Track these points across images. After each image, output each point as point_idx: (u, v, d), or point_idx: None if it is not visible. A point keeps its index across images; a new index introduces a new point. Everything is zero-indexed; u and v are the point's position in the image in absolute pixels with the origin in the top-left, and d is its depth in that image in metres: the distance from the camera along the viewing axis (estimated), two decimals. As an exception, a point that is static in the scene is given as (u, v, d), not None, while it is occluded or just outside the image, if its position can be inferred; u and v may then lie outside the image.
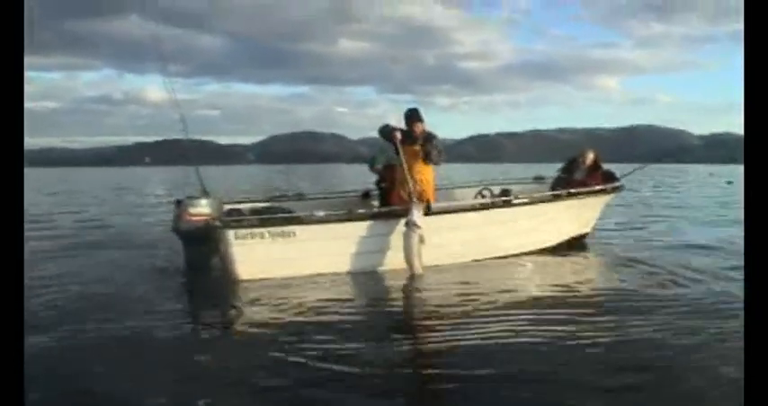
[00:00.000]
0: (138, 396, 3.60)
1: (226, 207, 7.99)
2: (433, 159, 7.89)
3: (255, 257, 6.94)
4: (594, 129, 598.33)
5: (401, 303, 6.58)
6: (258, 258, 6.95)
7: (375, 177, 8.94)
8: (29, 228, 10.17)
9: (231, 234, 6.92)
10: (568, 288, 6.65)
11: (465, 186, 10.33)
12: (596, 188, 9.04)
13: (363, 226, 7.43)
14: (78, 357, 4.35)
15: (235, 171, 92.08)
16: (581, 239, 9.33)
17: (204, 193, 7.70)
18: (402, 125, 8.03)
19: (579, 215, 9.09)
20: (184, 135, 7.92)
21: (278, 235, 7.03)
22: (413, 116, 8.02)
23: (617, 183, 9.37)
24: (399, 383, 3.88)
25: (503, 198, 8.73)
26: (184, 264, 7.66)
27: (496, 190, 9.60)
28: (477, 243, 7.94)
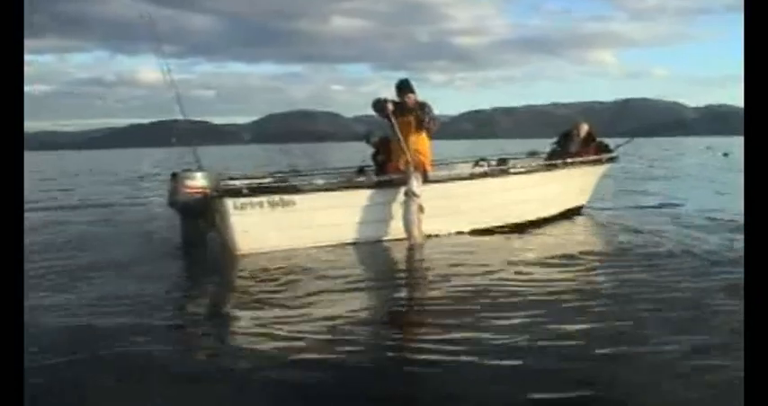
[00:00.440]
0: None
1: (223, 183, 7.94)
2: (427, 126, 7.87)
3: (255, 226, 6.88)
4: (590, 103, 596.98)
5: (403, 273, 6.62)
6: (258, 227, 6.89)
7: (371, 152, 8.93)
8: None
9: (230, 204, 6.85)
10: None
11: (462, 161, 10.34)
12: (591, 157, 9.17)
13: (364, 195, 7.40)
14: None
15: (230, 150, 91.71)
16: (577, 211, 9.39)
17: (198, 169, 7.57)
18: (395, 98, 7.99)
19: (575, 186, 9.15)
20: (181, 115, 7.79)
21: (277, 204, 6.97)
22: (404, 87, 7.95)
23: (612, 154, 9.50)
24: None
25: (500, 166, 8.75)
26: (181, 238, 7.60)
27: (491, 161, 9.63)
28: (473, 213, 7.94)
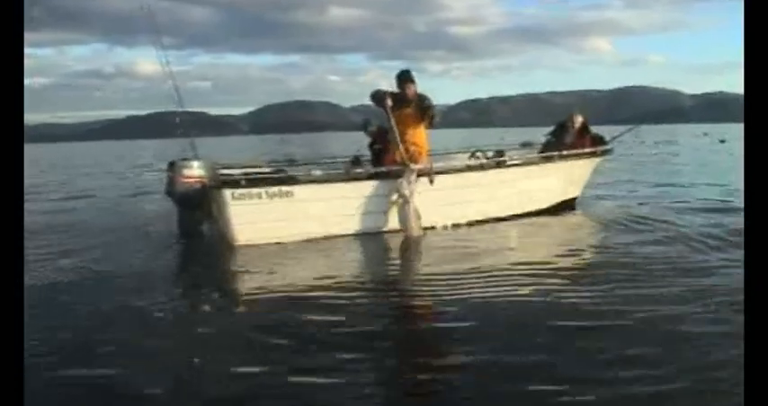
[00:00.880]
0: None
1: (219, 172, 7.92)
2: (429, 118, 7.86)
3: (253, 217, 6.86)
4: (587, 91, 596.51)
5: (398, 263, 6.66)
6: (256, 218, 6.87)
7: (368, 141, 8.90)
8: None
9: (228, 194, 6.83)
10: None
11: (458, 151, 10.34)
12: (587, 150, 9.15)
13: (363, 186, 7.40)
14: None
15: (229, 141, 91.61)
16: (570, 202, 9.38)
17: (195, 158, 7.53)
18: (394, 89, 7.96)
19: (569, 178, 9.13)
20: (179, 106, 7.73)
21: (276, 195, 6.96)
22: (405, 77, 7.89)
23: (606, 146, 9.49)
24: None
25: (496, 159, 8.74)
26: (177, 228, 7.56)
27: (489, 154, 9.62)
28: (465, 206, 7.91)
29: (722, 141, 35.43)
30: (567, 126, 9.50)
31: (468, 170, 8.24)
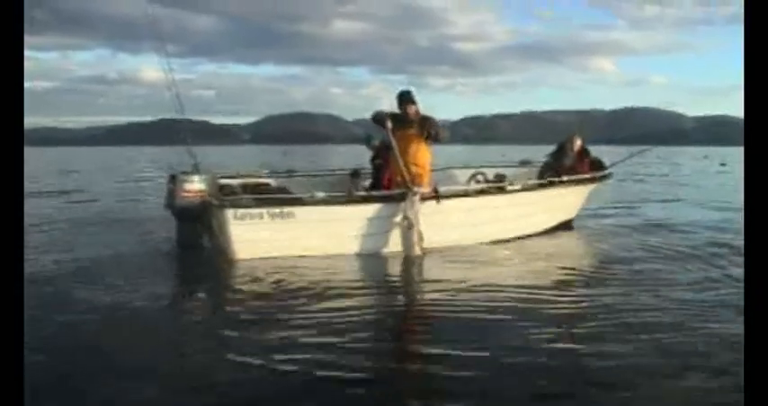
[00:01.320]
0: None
1: (217, 183, 7.89)
2: (439, 139, 7.88)
3: (254, 237, 6.84)
4: (589, 111, 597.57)
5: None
6: (257, 238, 6.85)
7: (369, 155, 8.91)
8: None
9: (230, 214, 6.82)
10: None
11: (460, 167, 10.33)
12: (586, 176, 9.18)
13: (364, 209, 7.37)
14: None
15: (230, 151, 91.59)
16: (565, 225, 9.39)
17: (197, 171, 7.53)
18: (395, 108, 7.97)
19: (566, 202, 9.16)
20: (180, 114, 7.74)
21: (277, 216, 6.94)
22: (405, 98, 7.86)
23: (605, 172, 9.53)
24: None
25: (497, 184, 8.75)
26: (176, 242, 7.57)
27: (489, 174, 9.62)
28: (466, 229, 7.87)
29: (722, 164, 35.59)
30: (566, 148, 9.54)
31: (468, 195, 8.25)
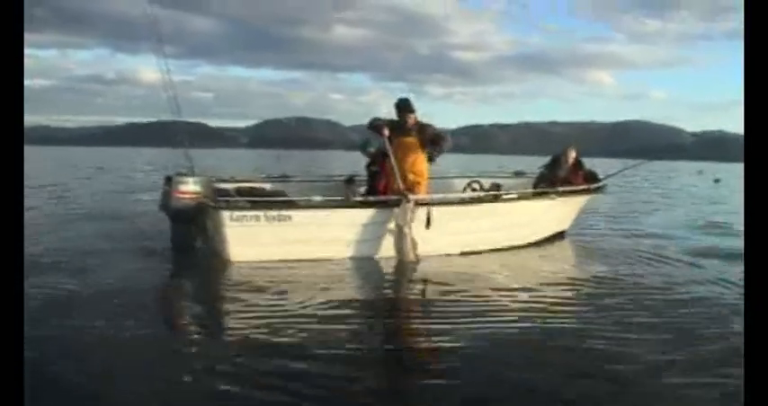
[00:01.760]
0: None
1: (213, 186, 7.88)
2: (442, 147, 7.89)
3: (249, 240, 6.84)
4: (587, 123, 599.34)
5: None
6: (252, 241, 6.85)
7: (366, 161, 8.88)
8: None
9: (226, 216, 6.81)
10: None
11: (457, 176, 10.35)
12: (581, 187, 9.22)
13: (361, 213, 7.37)
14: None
15: (227, 154, 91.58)
16: (558, 236, 9.41)
17: (193, 174, 7.51)
18: (394, 115, 7.96)
19: (560, 213, 9.18)
20: (177, 115, 7.71)
21: (274, 219, 6.93)
22: (404, 106, 7.87)
23: (600, 183, 9.59)
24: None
25: (492, 192, 8.75)
26: (171, 243, 7.54)
27: (484, 183, 9.64)
28: (460, 237, 7.86)
29: (716, 180, 35.61)
30: (561, 160, 9.62)
31: (463, 203, 8.24)
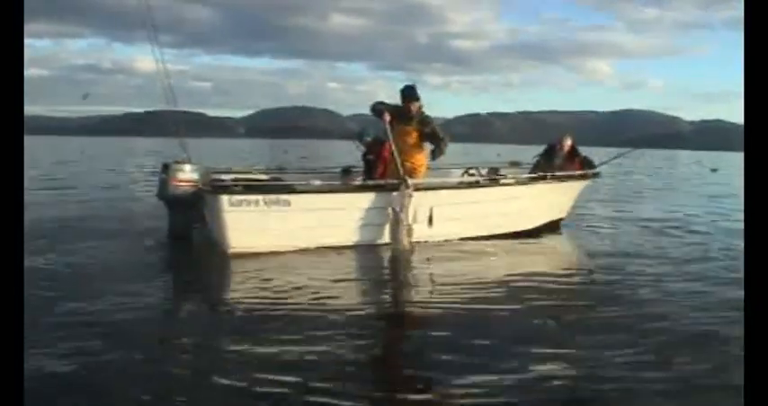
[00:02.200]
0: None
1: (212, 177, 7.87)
2: (442, 153, 7.88)
3: (248, 225, 6.81)
4: (585, 112, 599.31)
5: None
6: (251, 226, 6.82)
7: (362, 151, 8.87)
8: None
9: (225, 201, 6.79)
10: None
11: (454, 166, 10.34)
12: (577, 172, 9.25)
13: (360, 197, 7.36)
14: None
15: (225, 144, 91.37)
16: (556, 223, 9.41)
17: (189, 161, 7.46)
18: (396, 101, 7.93)
19: (557, 200, 9.18)
20: (173, 105, 7.65)
21: (273, 203, 6.90)
22: (408, 94, 7.86)
23: (596, 170, 9.61)
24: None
25: (491, 176, 8.75)
26: (168, 232, 7.55)
27: (482, 171, 9.63)
28: (457, 223, 7.87)
29: (713, 170, 35.54)
30: (557, 148, 9.65)
31: (460, 187, 8.24)
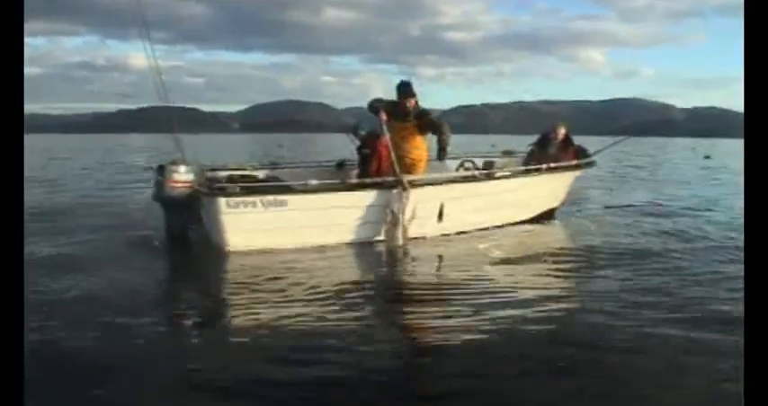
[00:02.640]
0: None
1: (206, 175, 7.85)
2: (447, 144, 7.86)
3: (246, 226, 6.81)
4: (579, 101, 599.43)
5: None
6: (249, 227, 6.82)
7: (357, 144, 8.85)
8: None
9: (222, 203, 6.78)
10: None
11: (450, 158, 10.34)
12: (572, 162, 9.24)
13: (357, 196, 7.36)
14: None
15: (219, 139, 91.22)
16: (551, 213, 9.44)
17: (183, 161, 7.43)
18: (391, 95, 7.92)
19: (552, 189, 9.21)
20: (165, 101, 7.62)
21: (270, 204, 6.89)
22: (404, 90, 7.84)
23: (590, 159, 9.61)
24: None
25: (485, 171, 8.76)
26: (165, 233, 7.51)
27: (477, 162, 9.67)
28: (454, 216, 7.88)
29: (707, 157, 35.65)
30: (551, 137, 9.65)
31: (457, 181, 8.24)
